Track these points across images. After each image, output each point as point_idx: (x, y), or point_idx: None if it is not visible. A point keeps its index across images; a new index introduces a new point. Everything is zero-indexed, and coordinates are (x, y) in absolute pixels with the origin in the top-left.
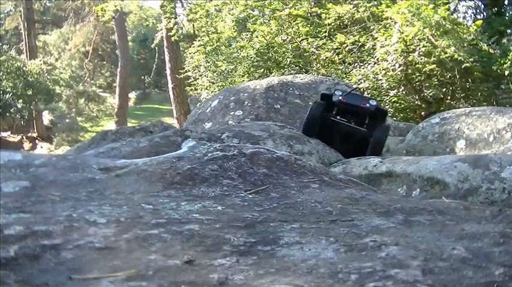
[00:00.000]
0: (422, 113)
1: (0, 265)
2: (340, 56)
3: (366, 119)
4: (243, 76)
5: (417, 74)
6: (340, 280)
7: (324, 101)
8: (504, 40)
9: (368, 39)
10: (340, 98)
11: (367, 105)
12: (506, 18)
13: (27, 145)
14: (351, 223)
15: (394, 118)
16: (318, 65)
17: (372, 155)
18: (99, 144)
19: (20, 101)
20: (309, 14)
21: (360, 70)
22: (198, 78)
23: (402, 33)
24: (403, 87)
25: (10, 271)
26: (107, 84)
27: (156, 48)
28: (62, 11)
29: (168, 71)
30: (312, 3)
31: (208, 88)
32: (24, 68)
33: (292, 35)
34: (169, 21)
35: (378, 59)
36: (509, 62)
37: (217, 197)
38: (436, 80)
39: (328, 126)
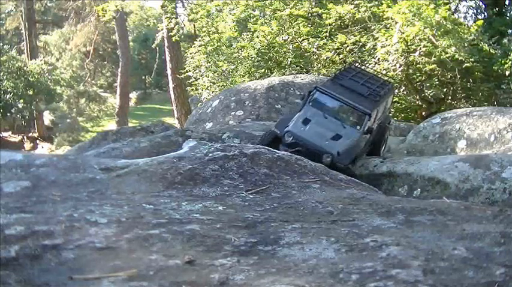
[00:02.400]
0: (423, 113)
1: (1, 265)
2: (341, 56)
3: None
4: (243, 76)
5: (418, 74)
6: (341, 280)
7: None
8: (505, 40)
9: (369, 39)
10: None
11: (328, 159)
12: (507, 18)
13: (28, 145)
14: (352, 223)
15: (395, 118)
16: (319, 65)
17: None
18: (100, 144)
19: (21, 101)
20: (309, 14)
21: None
22: (198, 78)
23: (403, 33)
24: (403, 87)
25: (11, 271)
26: (107, 85)
27: (157, 48)
28: (63, 11)
29: (168, 71)
30: (313, 4)
31: (209, 88)
32: (25, 68)
33: (293, 35)
34: (170, 21)
35: (378, 59)
36: (510, 62)
37: (218, 197)
38: (436, 80)
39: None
